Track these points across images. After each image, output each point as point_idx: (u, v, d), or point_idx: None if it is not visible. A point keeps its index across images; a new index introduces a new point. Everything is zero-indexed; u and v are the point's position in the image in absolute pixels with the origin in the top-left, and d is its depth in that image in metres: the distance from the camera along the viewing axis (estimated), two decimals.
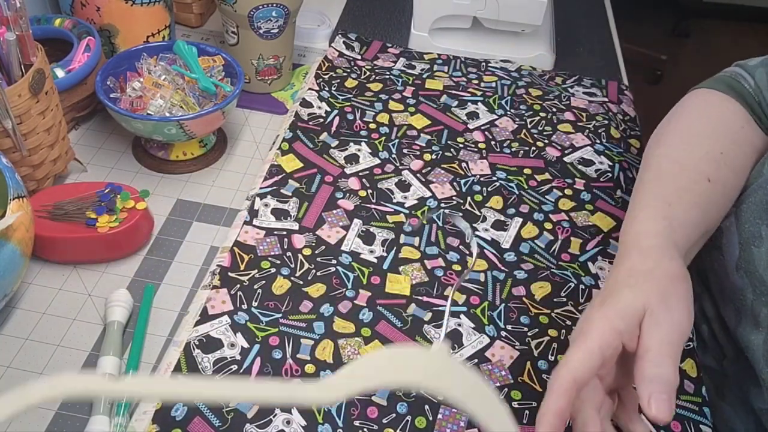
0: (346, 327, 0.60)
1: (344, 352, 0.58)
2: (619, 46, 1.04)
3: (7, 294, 0.56)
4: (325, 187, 0.72)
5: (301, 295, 0.62)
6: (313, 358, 0.57)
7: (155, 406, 0.53)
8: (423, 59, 0.94)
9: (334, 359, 0.57)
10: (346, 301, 0.62)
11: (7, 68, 0.63)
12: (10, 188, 0.55)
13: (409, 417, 0.54)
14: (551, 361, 0.59)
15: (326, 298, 0.62)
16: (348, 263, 0.65)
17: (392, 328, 0.60)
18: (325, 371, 0.56)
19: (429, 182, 0.74)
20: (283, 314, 0.60)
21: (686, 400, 0.58)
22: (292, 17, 0.83)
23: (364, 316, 0.61)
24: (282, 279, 0.63)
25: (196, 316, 0.59)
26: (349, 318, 0.61)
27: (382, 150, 0.78)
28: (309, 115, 0.81)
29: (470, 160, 0.78)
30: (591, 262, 0.67)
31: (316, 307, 0.61)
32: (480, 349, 0.59)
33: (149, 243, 0.67)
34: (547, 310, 0.63)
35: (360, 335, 0.59)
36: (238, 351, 0.57)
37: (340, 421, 0.54)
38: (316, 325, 0.60)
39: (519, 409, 0.56)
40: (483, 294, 0.64)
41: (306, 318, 0.60)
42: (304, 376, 0.56)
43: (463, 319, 0.61)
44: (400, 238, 0.68)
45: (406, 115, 0.83)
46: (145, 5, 0.79)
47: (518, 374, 0.58)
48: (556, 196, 0.74)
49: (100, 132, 0.79)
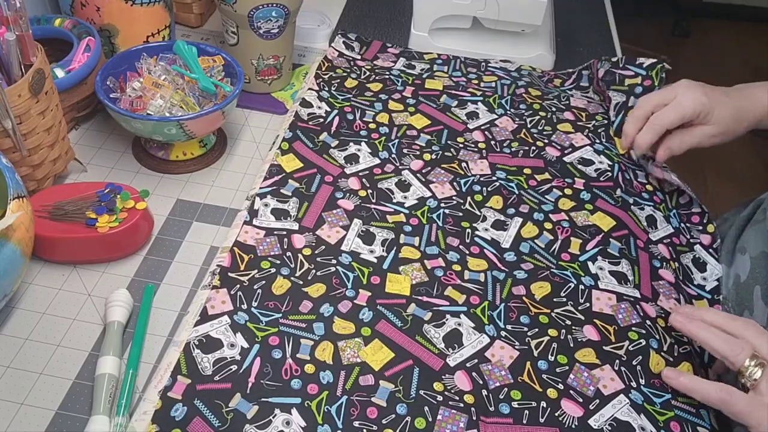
0: (345, 327, 0.60)
1: (344, 354, 0.58)
2: (619, 46, 1.04)
3: (7, 294, 0.56)
4: (325, 187, 0.72)
5: (300, 295, 0.62)
6: (312, 358, 0.57)
7: (155, 406, 0.53)
8: (423, 59, 0.94)
9: (333, 360, 0.57)
10: (346, 300, 0.62)
11: (7, 68, 0.63)
12: (10, 188, 0.55)
13: (408, 418, 0.54)
14: (551, 361, 0.59)
15: (326, 298, 0.62)
16: (348, 263, 0.65)
17: (392, 327, 0.60)
18: (325, 371, 0.56)
19: (429, 182, 0.74)
20: (282, 314, 0.60)
21: (684, 402, 0.58)
22: (292, 17, 0.83)
23: (364, 316, 0.61)
24: (282, 279, 0.63)
25: (196, 316, 0.59)
26: (349, 318, 0.60)
27: (382, 150, 0.78)
28: (309, 115, 0.81)
29: (470, 159, 0.78)
30: (591, 262, 0.67)
31: (316, 307, 0.61)
32: (480, 350, 0.59)
33: (149, 243, 0.67)
34: (547, 310, 0.63)
35: (360, 335, 0.59)
36: (238, 351, 0.57)
37: (339, 421, 0.54)
38: (315, 326, 0.59)
39: (519, 408, 0.56)
40: (483, 294, 0.64)
41: (306, 318, 0.60)
42: (304, 375, 0.56)
43: (463, 319, 0.61)
44: (400, 238, 0.68)
45: (406, 115, 0.83)
46: (145, 5, 0.79)
47: (518, 374, 0.58)
48: (555, 196, 0.74)
49: (100, 132, 0.79)
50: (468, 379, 0.57)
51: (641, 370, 0.59)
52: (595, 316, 0.63)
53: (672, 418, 0.56)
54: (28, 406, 0.54)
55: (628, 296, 0.65)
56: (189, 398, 0.53)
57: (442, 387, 0.56)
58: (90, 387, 0.55)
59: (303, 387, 0.55)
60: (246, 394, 0.54)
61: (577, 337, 0.61)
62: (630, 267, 0.67)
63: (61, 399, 0.54)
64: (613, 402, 0.57)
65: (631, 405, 0.57)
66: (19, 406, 0.54)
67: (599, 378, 0.58)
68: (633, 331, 0.62)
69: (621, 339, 0.61)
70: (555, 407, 0.56)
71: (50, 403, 0.54)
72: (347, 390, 0.56)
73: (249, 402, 0.54)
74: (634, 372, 0.59)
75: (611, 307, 0.64)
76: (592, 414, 0.56)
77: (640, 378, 0.59)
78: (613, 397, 0.57)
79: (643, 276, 0.67)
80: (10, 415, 0.53)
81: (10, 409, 0.53)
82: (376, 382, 0.56)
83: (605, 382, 0.58)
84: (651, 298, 0.65)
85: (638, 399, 0.57)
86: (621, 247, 0.69)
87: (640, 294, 0.65)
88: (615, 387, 0.58)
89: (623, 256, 0.68)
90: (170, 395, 0.53)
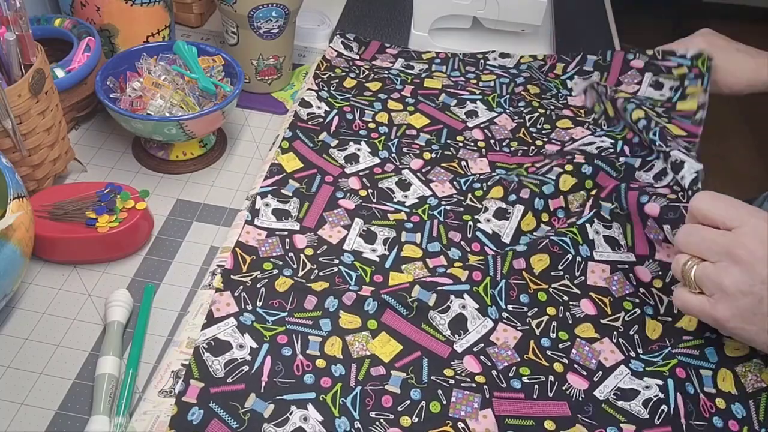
0: (351, 322, 0.60)
1: (353, 348, 0.58)
2: (619, 46, 1.04)
3: (7, 294, 0.56)
4: (326, 187, 0.72)
5: (304, 290, 0.62)
6: (323, 354, 0.57)
7: (171, 412, 0.52)
8: (421, 59, 0.94)
9: (343, 355, 0.58)
10: (350, 293, 0.62)
11: (7, 68, 0.63)
12: (10, 188, 0.55)
13: (423, 402, 0.55)
14: (553, 338, 0.61)
15: (330, 291, 0.62)
16: (350, 263, 0.65)
17: (398, 317, 0.60)
18: (336, 365, 0.57)
19: (429, 181, 0.74)
20: (288, 312, 0.60)
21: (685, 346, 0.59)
22: (292, 17, 0.83)
23: (369, 307, 0.61)
24: (284, 278, 0.63)
25: (196, 315, 0.59)
26: (354, 311, 0.60)
27: (382, 149, 0.78)
28: (308, 115, 0.81)
29: (470, 158, 0.78)
30: (588, 224, 0.67)
31: (321, 302, 0.61)
32: (484, 334, 0.60)
33: (149, 243, 0.67)
34: (545, 286, 0.64)
35: (366, 329, 0.59)
36: (248, 351, 0.57)
37: (356, 413, 0.54)
38: (322, 322, 0.60)
39: (529, 383, 0.57)
40: (485, 268, 0.64)
41: (312, 315, 0.60)
42: (316, 370, 0.56)
43: (467, 300, 0.61)
44: (402, 236, 0.68)
45: (405, 114, 0.83)
46: (145, 5, 0.79)
47: (524, 352, 0.59)
48: (557, 173, 0.72)
49: (100, 132, 0.79)
50: (476, 362, 0.58)
51: (638, 339, 0.61)
52: (591, 289, 0.64)
53: (676, 365, 0.57)
54: (28, 406, 0.54)
55: (622, 264, 0.66)
56: (204, 401, 0.53)
57: (452, 372, 0.57)
58: (90, 387, 0.55)
59: (316, 381, 0.55)
60: (260, 394, 0.54)
61: (575, 313, 0.63)
62: (621, 229, 0.67)
63: (61, 399, 0.54)
64: (615, 373, 0.58)
65: (632, 374, 0.58)
66: (19, 406, 0.54)
67: (599, 351, 0.60)
68: (627, 300, 0.64)
69: (616, 310, 0.63)
70: (562, 381, 0.57)
71: (50, 403, 0.54)
72: (360, 381, 0.56)
73: (264, 401, 0.54)
74: (631, 342, 0.61)
75: (605, 279, 0.65)
76: (597, 386, 0.57)
77: (638, 347, 0.61)
78: (614, 368, 0.59)
79: (636, 231, 0.67)
80: (10, 415, 0.53)
81: (10, 409, 0.53)
82: (387, 372, 0.57)
83: (606, 355, 0.60)
84: (648, 255, 0.65)
85: (638, 367, 0.59)
86: (612, 207, 0.68)
87: (635, 256, 0.66)
88: (615, 359, 0.59)
89: (614, 218, 0.68)
90: (185, 400, 0.53)
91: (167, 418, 0.52)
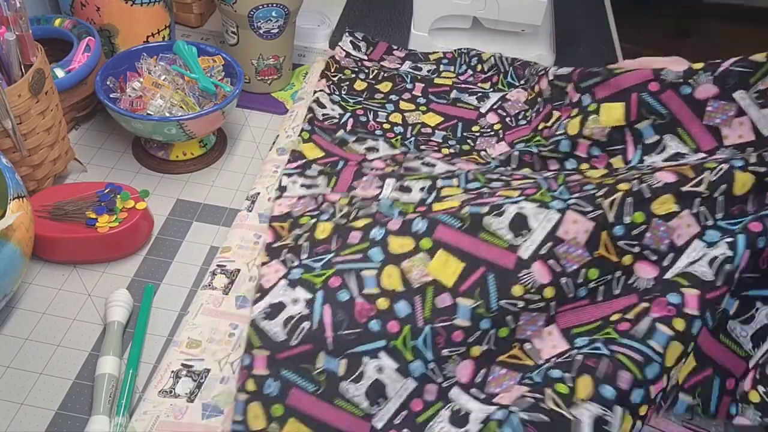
0: (403, 245, 0.56)
1: (411, 275, 0.54)
2: (619, 46, 1.04)
3: (7, 294, 0.56)
4: (351, 167, 0.71)
5: (346, 229, 0.59)
6: (381, 290, 0.54)
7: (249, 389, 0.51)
8: (429, 60, 0.93)
9: (404, 286, 0.54)
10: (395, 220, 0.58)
11: (7, 68, 0.63)
12: (10, 188, 0.55)
13: (492, 330, 0.53)
14: (627, 223, 0.54)
15: (373, 223, 0.58)
16: (389, 205, 0.62)
17: (452, 230, 0.56)
18: (399, 302, 0.53)
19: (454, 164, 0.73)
20: (335, 253, 0.57)
21: None
22: (292, 17, 0.83)
23: (419, 227, 0.57)
24: (324, 224, 0.61)
25: (196, 315, 0.59)
26: (403, 233, 0.56)
27: (400, 147, 0.77)
28: (323, 116, 0.80)
29: (488, 146, 0.77)
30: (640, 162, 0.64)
31: (366, 234, 0.58)
32: (551, 230, 0.55)
33: (149, 243, 0.67)
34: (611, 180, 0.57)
35: (421, 249, 0.55)
36: (303, 305, 0.54)
37: (429, 353, 0.52)
38: (371, 253, 0.56)
39: (594, 288, 0.54)
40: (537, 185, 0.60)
41: (359, 248, 0.57)
42: (380, 314, 0.53)
43: (524, 204, 0.56)
44: (437, 183, 0.65)
45: (418, 113, 0.83)
46: (145, 5, 0.79)
47: (594, 249, 0.54)
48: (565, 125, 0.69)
49: (100, 132, 0.79)
50: (546, 268, 0.54)
51: (723, 201, 0.54)
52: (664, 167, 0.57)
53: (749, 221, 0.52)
54: (28, 406, 0.54)
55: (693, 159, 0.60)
56: (275, 370, 0.51)
57: (522, 290, 0.53)
58: (90, 387, 0.55)
59: (383, 327, 0.53)
60: (329, 351, 0.52)
61: (651, 183, 0.55)
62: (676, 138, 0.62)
63: (61, 399, 0.54)
64: (687, 251, 0.53)
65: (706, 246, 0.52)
66: (19, 406, 0.54)
67: (675, 227, 0.54)
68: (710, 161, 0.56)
69: (699, 172, 0.55)
70: (629, 275, 0.54)
71: (50, 403, 0.54)
72: (427, 319, 0.53)
73: (335, 358, 0.51)
74: (713, 207, 0.54)
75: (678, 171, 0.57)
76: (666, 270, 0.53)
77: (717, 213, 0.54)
78: (687, 245, 0.53)
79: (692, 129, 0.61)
80: (10, 415, 0.53)
81: (10, 409, 0.53)
82: (453, 301, 0.53)
83: (680, 231, 0.54)
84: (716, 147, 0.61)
85: (715, 237, 0.53)
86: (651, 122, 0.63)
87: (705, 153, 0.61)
88: (690, 233, 0.53)
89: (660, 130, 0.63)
90: (256, 372, 0.51)
91: (167, 418, 0.52)
